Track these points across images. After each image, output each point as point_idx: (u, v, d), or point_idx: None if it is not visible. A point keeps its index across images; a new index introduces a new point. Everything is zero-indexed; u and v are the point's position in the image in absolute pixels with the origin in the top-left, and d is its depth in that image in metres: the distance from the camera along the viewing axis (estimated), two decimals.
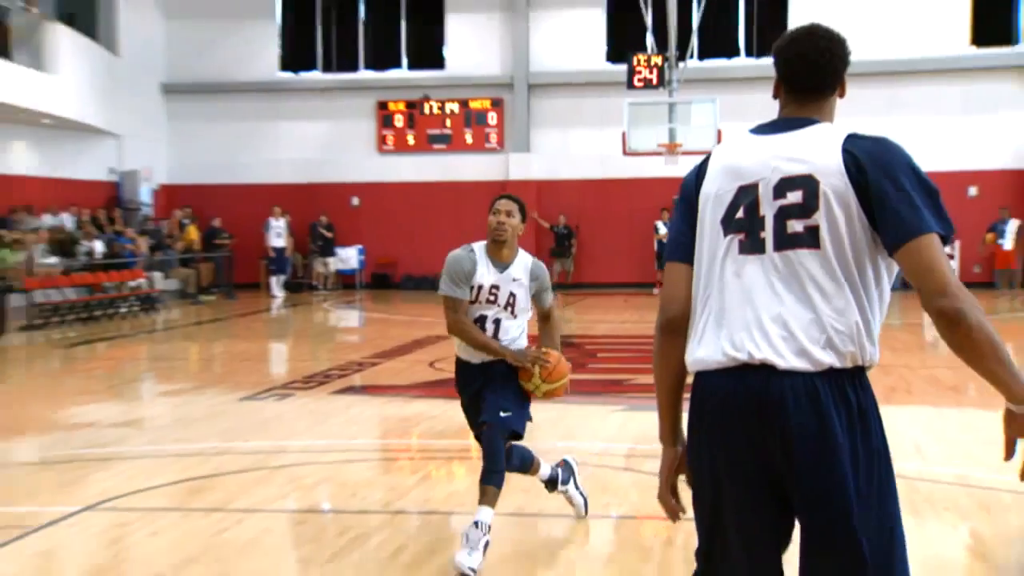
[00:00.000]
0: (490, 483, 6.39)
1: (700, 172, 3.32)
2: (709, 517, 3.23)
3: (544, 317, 7.37)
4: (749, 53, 29.02)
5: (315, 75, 31.86)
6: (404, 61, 31.73)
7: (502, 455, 6.51)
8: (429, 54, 31.50)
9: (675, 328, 3.26)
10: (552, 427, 11.40)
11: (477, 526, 6.27)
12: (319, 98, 31.66)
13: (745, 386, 3.04)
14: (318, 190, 30.96)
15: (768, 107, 3.37)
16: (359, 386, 14.25)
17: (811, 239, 3.05)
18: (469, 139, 31.00)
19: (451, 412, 11.95)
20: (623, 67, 26.56)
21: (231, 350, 20.22)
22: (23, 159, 27.49)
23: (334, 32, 32.07)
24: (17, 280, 22.38)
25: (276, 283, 29.37)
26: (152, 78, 31.46)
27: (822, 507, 2.99)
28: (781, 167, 3.12)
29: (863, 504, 2.97)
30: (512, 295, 6.76)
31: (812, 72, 3.27)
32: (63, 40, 26.18)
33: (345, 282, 31.14)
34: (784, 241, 3.09)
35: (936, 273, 2.92)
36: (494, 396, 6.70)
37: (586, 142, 29.61)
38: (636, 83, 25.85)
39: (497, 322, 6.78)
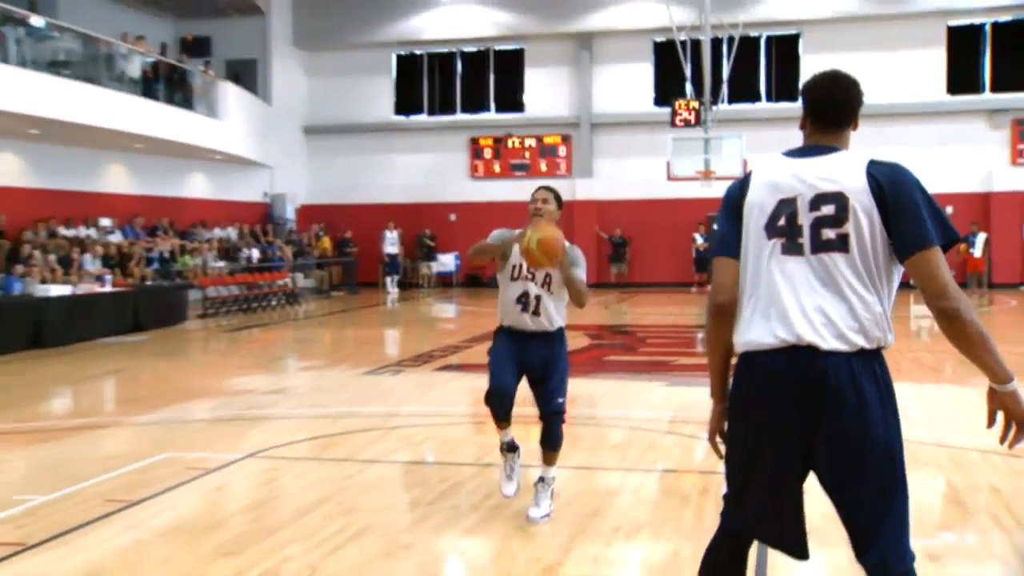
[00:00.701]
0: (555, 450, 6.27)
1: (744, 185, 3.31)
2: (746, 467, 3.22)
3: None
4: (769, 99, 28.77)
5: (421, 117, 31.98)
6: (492, 106, 31.75)
7: (561, 434, 6.29)
8: (512, 100, 31.48)
9: (726, 311, 3.27)
10: (610, 398, 11.38)
11: (543, 481, 6.26)
12: (424, 135, 31.79)
13: (793, 363, 3.05)
14: (423, 208, 31.09)
15: (783, 141, 3.40)
16: (455, 364, 14.27)
17: (842, 244, 3.09)
18: (543, 167, 30.97)
19: (526, 386, 11.99)
20: (667, 109, 26.44)
21: (355, 335, 20.38)
22: (200, 186, 27.94)
23: (436, 83, 32.19)
24: (194, 279, 22.75)
25: (390, 282, 29.50)
26: (296, 122, 31.79)
27: (863, 459, 3.04)
28: (816, 185, 3.14)
29: (889, 454, 3.06)
30: (548, 276, 6.09)
31: (837, 109, 3.30)
32: (231, 94, 26.56)
33: (443, 282, 31.24)
34: (819, 246, 3.12)
35: (937, 279, 3.01)
36: (551, 387, 6.25)
37: (637, 169, 29.49)
38: (678, 122, 25.73)
39: (538, 298, 6.11)
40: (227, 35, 30.37)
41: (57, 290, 17.64)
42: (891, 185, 3.08)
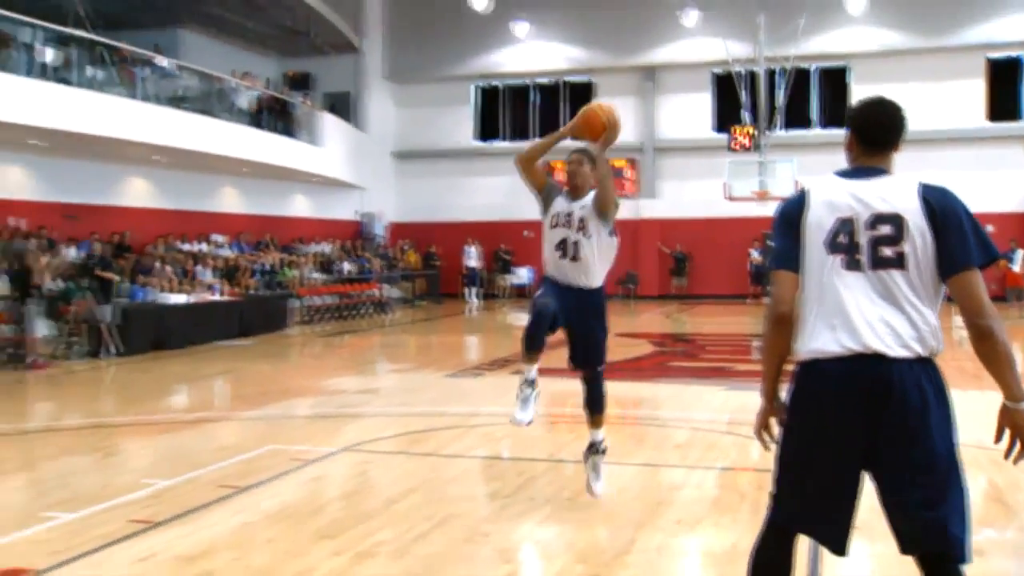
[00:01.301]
0: (601, 411, 6.17)
1: (801, 203, 3.24)
2: (803, 467, 3.17)
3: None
4: (820, 125, 28.37)
5: (500, 143, 31.99)
6: None
7: (604, 394, 6.18)
8: None
9: (785, 320, 3.21)
10: (674, 401, 11.33)
11: (595, 448, 6.20)
12: (502, 160, 31.69)
13: (859, 370, 3.02)
14: (500, 226, 31.11)
15: (833, 165, 3.38)
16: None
17: (899, 262, 3.07)
18: None
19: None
20: (725, 135, 26.39)
21: (439, 341, 20.49)
22: (300, 206, 28.27)
23: (514, 112, 32.27)
24: (294, 289, 23.05)
25: (470, 293, 29.61)
26: (386, 147, 32.04)
27: (925, 460, 3.03)
28: (873, 205, 3.12)
29: (950, 452, 3.08)
30: (582, 219, 5.85)
31: (884, 133, 3.27)
32: (328, 124, 26.82)
33: (519, 293, 31.19)
34: (878, 262, 3.09)
35: (976, 299, 3.05)
36: (591, 347, 6.07)
37: (697, 190, 29.24)
38: (735, 147, 25.63)
39: (576, 244, 5.85)
40: (326, 71, 30.78)
41: (176, 298, 17.99)
42: (942, 208, 3.08)
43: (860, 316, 3.06)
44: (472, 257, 29.72)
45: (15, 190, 19.03)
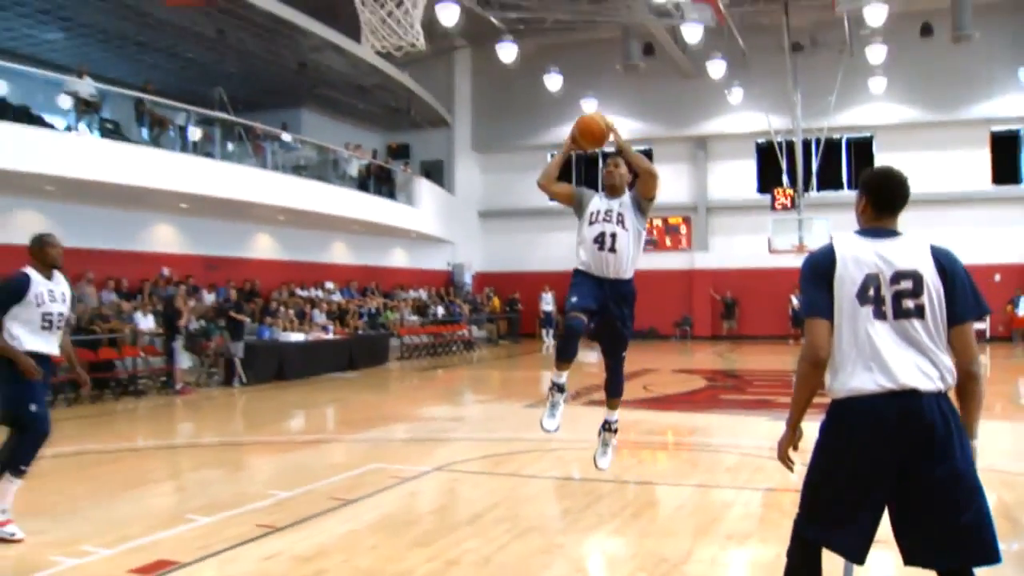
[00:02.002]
0: (619, 396, 6.06)
1: (831, 258, 3.23)
2: (834, 490, 3.15)
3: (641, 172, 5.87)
4: (850, 187, 27.90)
5: None
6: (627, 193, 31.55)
7: (623, 380, 6.04)
8: None
9: (820, 364, 3.19)
10: (724, 429, 11.16)
11: (609, 428, 6.16)
12: (573, 217, 31.74)
13: (893, 405, 3.04)
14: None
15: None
16: (598, 400, 14.18)
17: (919, 312, 3.11)
18: (668, 243, 30.68)
19: (656, 418, 11.83)
20: (768, 196, 26.17)
21: (518, 375, 20.46)
22: (400, 257, 28.60)
23: (584, 177, 32.29)
24: (394, 329, 23.26)
25: (546, 334, 29.55)
26: (473, 207, 32.31)
27: (950, 476, 3.02)
28: (895, 263, 3.16)
29: (972, 470, 3.08)
30: (620, 214, 5.61)
31: (896, 200, 3.30)
32: (424, 187, 27.22)
33: (588, 334, 31.06)
34: (900, 313, 3.12)
35: (971, 347, 3.16)
36: (618, 336, 5.80)
37: (744, 244, 28.93)
38: (776, 206, 25.42)
39: (614, 236, 5.57)
40: (422, 142, 31.24)
41: (294, 337, 18.28)
42: (950, 268, 3.16)
43: (893, 359, 3.07)
44: (548, 303, 29.66)
45: (166, 245, 19.61)
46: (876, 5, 20.37)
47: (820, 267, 3.25)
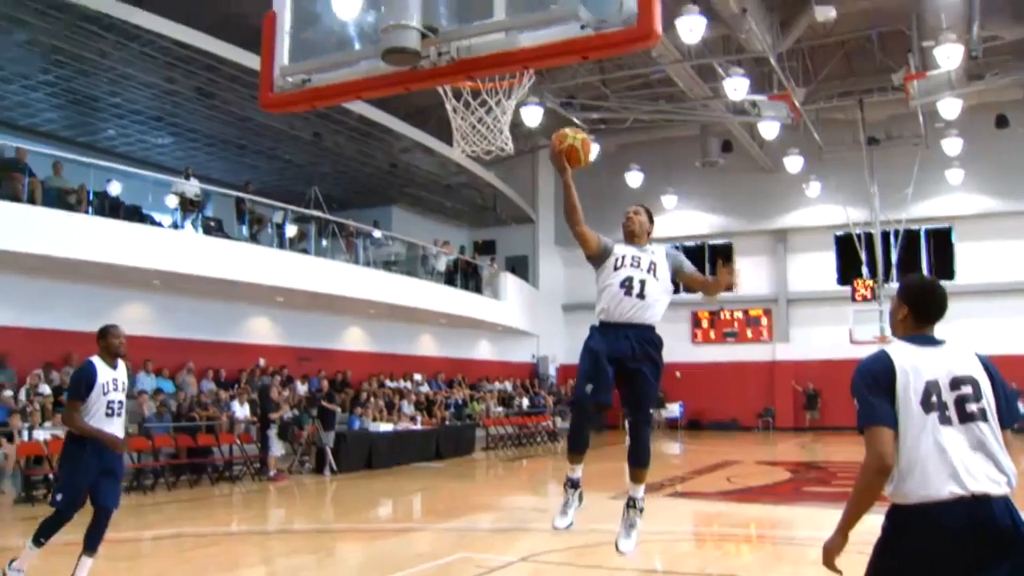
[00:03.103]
0: (644, 466, 5.36)
1: (890, 367, 3.17)
2: None
3: (700, 281, 5.61)
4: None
5: None
6: None
7: (649, 446, 5.37)
8: None
9: (887, 473, 3.10)
10: (808, 522, 10.79)
11: (634, 506, 5.48)
12: None
13: (965, 512, 2.97)
14: None
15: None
16: (680, 492, 13.88)
17: (982, 415, 3.09)
18: (749, 335, 30.26)
19: (742, 511, 11.53)
20: (848, 288, 25.71)
21: (601, 466, 20.09)
22: (485, 350, 28.78)
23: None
24: (480, 420, 23.24)
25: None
26: (557, 301, 32.43)
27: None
28: (952, 370, 3.14)
29: None
30: (652, 263, 5.21)
31: (939, 311, 3.32)
32: (509, 282, 27.37)
33: (671, 425, 30.57)
34: (965, 417, 3.08)
35: (1009, 452, 3.11)
36: (642, 395, 5.22)
37: (825, 335, 28.32)
38: (857, 298, 24.91)
39: (643, 282, 5.12)
40: (507, 238, 31.65)
41: (383, 427, 18.42)
42: (996, 376, 3.20)
43: (963, 465, 3.02)
44: None
45: (262, 336, 20.15)
46: (950, 99, 20.18)
47: (879, 376, 3.19)
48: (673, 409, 30.40)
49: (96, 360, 6.33)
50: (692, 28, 15.42)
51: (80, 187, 15.12)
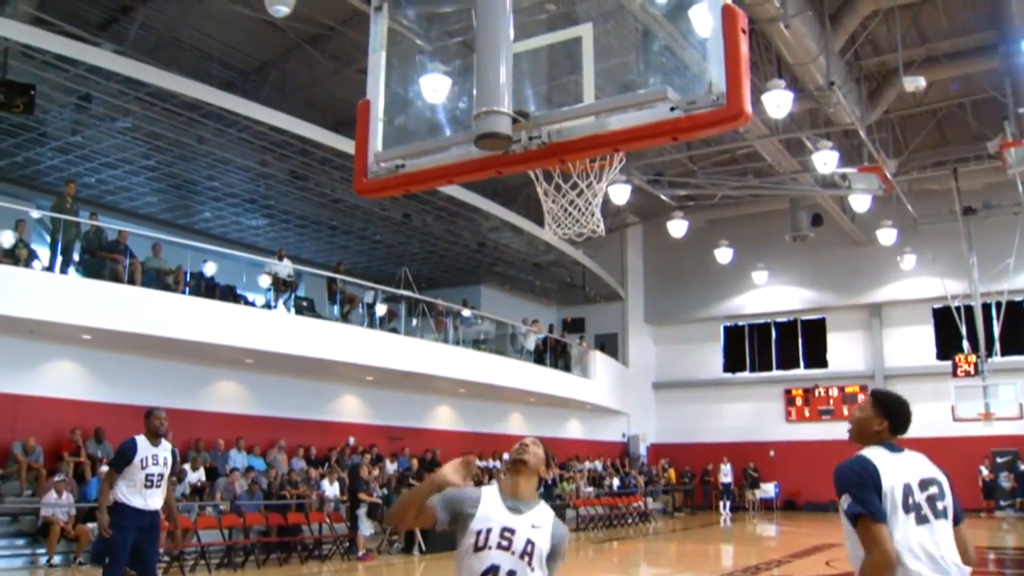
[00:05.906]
0: None
1: (875, 472, 3.46)
2: None
3: None
4: None
5: (745, 374, 31.37)
6: (802, 363, 30.63)
7: None
8: (818, 358, 30.18)
9: (893, 569, 3.30)
10: None
11: None
12: (748, 388, 31.10)
13: None
14: (748, 447, 29.97)
15: None
16: None
17: (945, 513, 3.45)
18: (845, 412, 29.32)
19: None
20: (948, 363, 24.77)
21: (695, 548, 19.64)
22: (574, 428, 28.52)
23: (757, 347, 31.69)
24: (570, 500, 22.92)
25: (723, 506, 28.38)
26: (647, 379, 32.11)
27: None
28: (920, 473, 3.53)
29: None
30: (530, 542, 3.41)
31: (909, 424, 3.77)
32: (599, 360, 27.21)
33: (767, 506, 29.62)
34: (937, 514, 3.43)
35: (970, 543, 3.52)
36: None
37: (925, 413, 26.85)
38: (959, 373, 23.96)
39: (512, 574, 3.37)
40: (596, 316, 31.56)
41: None
42: (948, 478, 3.61)
43: (941, 558, 3.33)
44: (726, 474, 28.58)
45: (352, 415, 20.41)
46: None
47: (866, 477, 3.46)
48: (768, 489, 29.54)
49: (139, 438, 7.18)
50: (779, 104, 15.39)
51: (177, 268, 15.78)
